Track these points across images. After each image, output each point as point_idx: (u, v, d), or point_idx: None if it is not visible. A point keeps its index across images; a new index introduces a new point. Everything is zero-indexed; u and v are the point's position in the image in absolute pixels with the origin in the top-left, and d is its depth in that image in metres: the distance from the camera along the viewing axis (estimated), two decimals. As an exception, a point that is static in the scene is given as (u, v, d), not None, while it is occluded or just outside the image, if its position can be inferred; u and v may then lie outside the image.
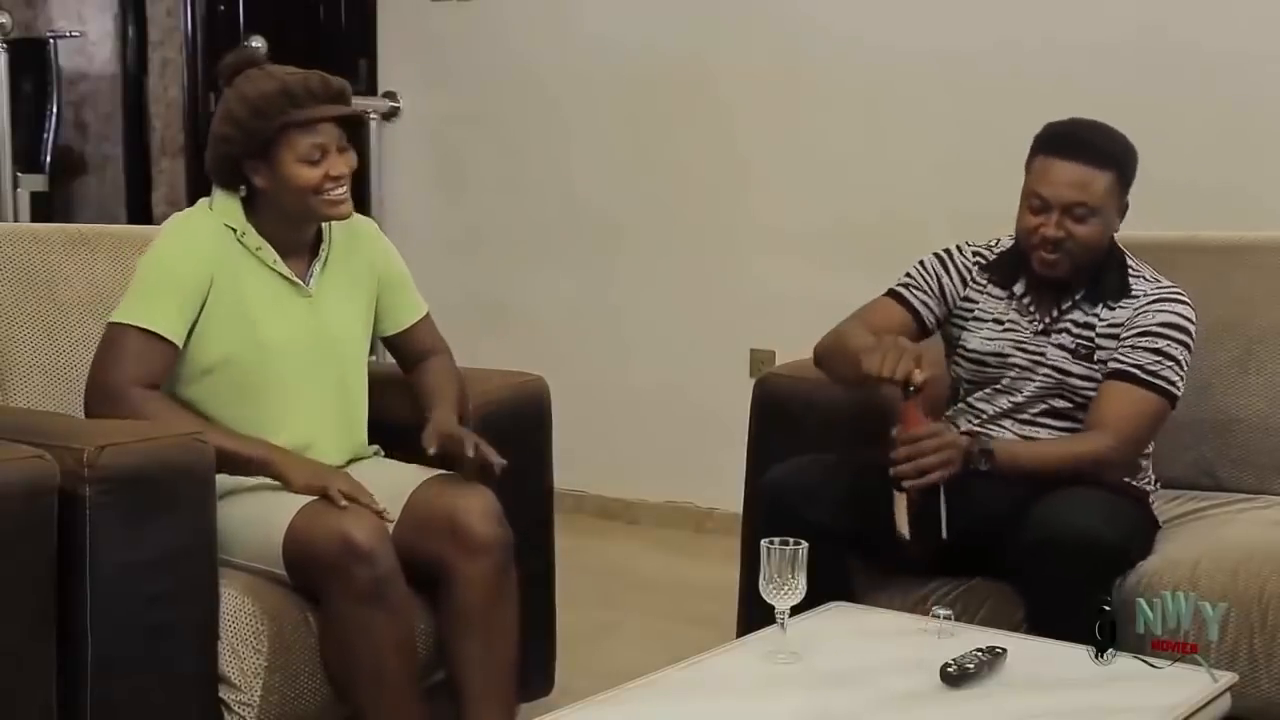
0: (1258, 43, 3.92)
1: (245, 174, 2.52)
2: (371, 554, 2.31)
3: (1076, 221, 2.59)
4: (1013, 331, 2.71)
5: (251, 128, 2.47)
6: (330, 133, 2.50)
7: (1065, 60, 4.16)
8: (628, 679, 2.06)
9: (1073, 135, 2.64)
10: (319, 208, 2.52)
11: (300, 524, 2.36)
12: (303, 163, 2.48)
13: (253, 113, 2.47)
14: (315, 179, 2.49)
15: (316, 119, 2.48)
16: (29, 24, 5.87)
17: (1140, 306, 2.64)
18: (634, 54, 4.82)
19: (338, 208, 2.54)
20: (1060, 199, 2.59)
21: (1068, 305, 2.68)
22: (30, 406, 2.61)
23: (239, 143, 2.49)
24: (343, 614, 2.33)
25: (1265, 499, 2.93)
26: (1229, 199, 3.89)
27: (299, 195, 2.50)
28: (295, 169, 2.48)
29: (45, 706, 2.12)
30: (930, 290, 2.78)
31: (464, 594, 2.46)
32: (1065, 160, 2.60)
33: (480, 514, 2.47)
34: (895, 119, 4.41)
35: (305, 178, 2.48)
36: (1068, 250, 2.60)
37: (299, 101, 2.47)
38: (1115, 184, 2.61)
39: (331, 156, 2.50)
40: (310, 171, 2.48)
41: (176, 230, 2.56)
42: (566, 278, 5.01)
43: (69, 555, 2.12)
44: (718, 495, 4.50)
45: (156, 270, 2.50)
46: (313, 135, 2.48)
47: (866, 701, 2.02)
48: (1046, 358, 2.67)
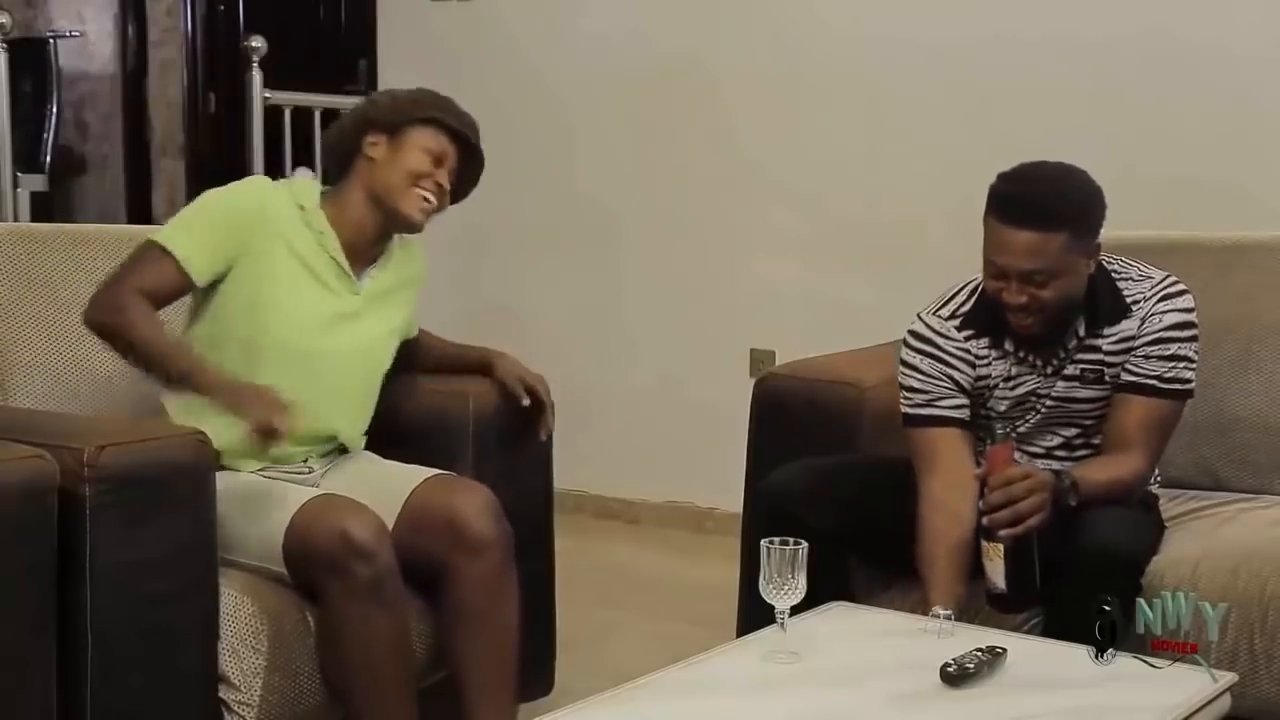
0: (1258, 43, 3.92)
1: (362, 144, 2.62)
2: (371, 551, 2.32)
3: (1038, 287, 2.45)
4: (1022, 384, 2.60)
5: (403, 106, 2.64)
6: (456, 153, 2.65)
7: (1066, 60, 4.16)
8: (628, 679, 2.06)
9: (1020, 199, 2.45)
10: (408, 199, 2.60)
11: (301, 521, 2.36)
12: (423, 152, 2.60)
13: (411, 97, 2.66)
14: (424, 168, 2.60)
15: (457, 129, 2.63)
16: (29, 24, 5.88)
17: (1146, 313, 2.55)
18: (634, 54, 4.82)
19: (420, 213, 2.63)
20: (1015, 269, 2.44)
21: (1073, 344, 2.57)
22: (31, 406, 2.61)
23: (383, 109, 2.64)
24: (341, 611, 2.34)
25: (1265, 499, 2.93)
26: (1229, 199, 3.89)
27: (401, 177, 2.59)
28: (414, 152, 2.60)
29: (45, 707, 2.12)
30: (948, 391, 2.60)
31: (465, 592, 2.46)
32: (1014, 228, 2.42)
33: (479, 512, 2.48)
34: (895, 118, 4.42)
35: (417, 163, 2.60)
36: (1038, 311, 2.48)
37: (450, 113, 2.65)
38: (1070, 240, 2.43)
39: (444, 169, 2.63)
40: (424, 163, 2.60)
41: (249, 184, 2.66)
42: (567, 278, 5.01)
43: (69, 555, 2.12)
44: (718, 495, 4.51)
45: (211, 207, 2.57)
46: (443, 141, 2.62)
47: (866, 701, 2.02)
48: (1068, 396, 2.59)
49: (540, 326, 4.97)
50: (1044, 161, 2.54)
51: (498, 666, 2.49)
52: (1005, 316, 2.53)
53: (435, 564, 2.47)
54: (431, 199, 2.61)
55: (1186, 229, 3.30)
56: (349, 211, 2.61)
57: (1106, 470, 2.53)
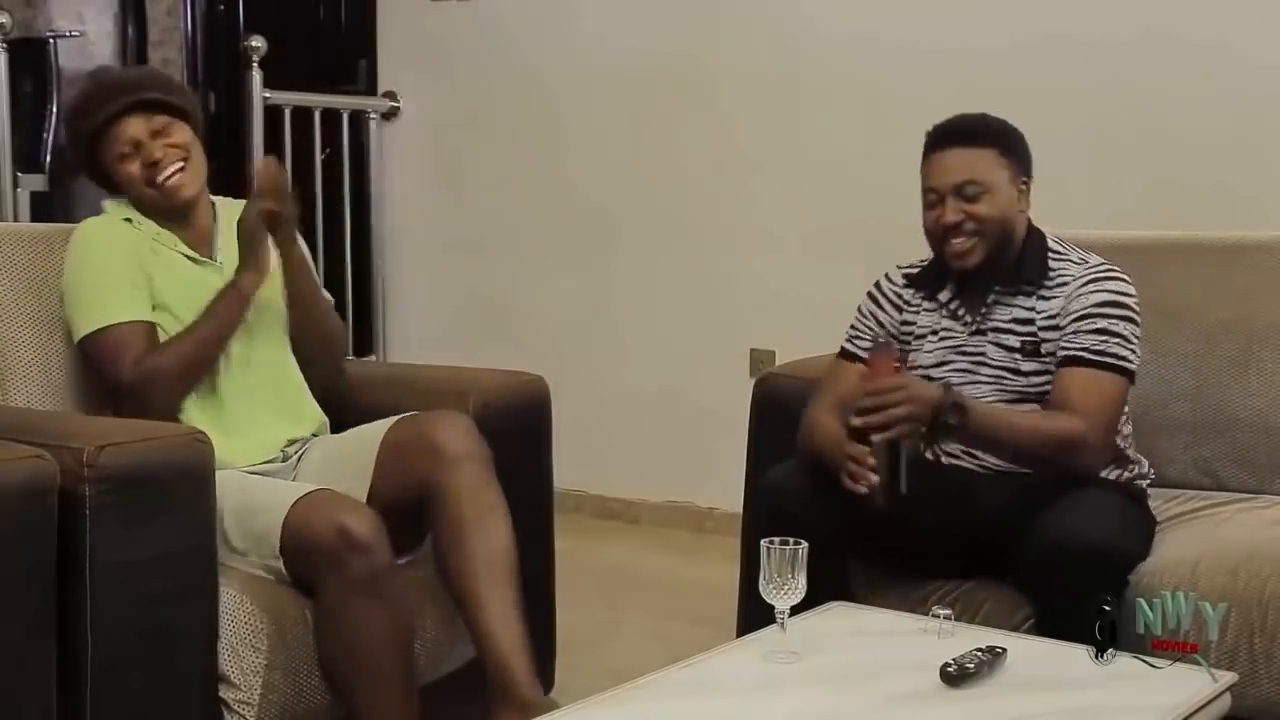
0: (1258, 43, 3.92)
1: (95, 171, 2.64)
2: (368, 545, 2.32)
3: (970, 201, 2.60)
4: (949, 338, 2.70)
5: (75, 150, 2.64)
6: (136, 124, 2.58)
7: (1066, 60, 4.16)
8: (628, 679, 2.06)
9: (948, 126, 2.68)
10: (160, 195, 2.60)
11: (297, 514, 2.36)
12: (122, 160, 2.59)
13: (70, 135, 2.66)
14: (139, 170, 2.59)
15: (107, 119, 2.57)
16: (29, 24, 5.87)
17: (1073, 292, 2.61)
18: (634, 54, 4.82)
19: (174, 193, 2.61)
20: (947, 183, 2.61)
21: (992, 299, 2.66)
22: (30, 406, 2.61)
23: (81, 164, 2.65)
24: (338, 605, 2.34)
25: (1265, 499, 2.93)
26: (1229, 199, 3.89)
27: (134, 191, 2.61)
28: (118, 168, 2.60)
29: (45, 707, 2.12)
30: (873, 330, 2.78)
31: (453, 505, 2.47)
32: (944, 150, 2.65)
33: (455, 430, 2.53)
34: (896, 119, 4.41)
35: (128, 174, 2.59)
36: (973, 232, 2.60)
37: (92, 110, 2.58)
38: (1000, 158, 2.62)
39: (152, 143, 2.58)
40: (132, 165, 2.59)
41: (84, 243, 2.64)
42: (567, 278, 5.01)
43: (69, 555, 2.12)
44: (718, 495, 4.51)
45: (90, 276, 2.58)
46: (126, 129, 2.57)
47: (866, 701, 2.02)
48: (988, 358, 2.65)
49: (540, 327, 4.97)
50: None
51: (496, 559, 2.45)
52: (947, 261, 2.65)
53: (421, 490, 2.49)
54: (172, 173, 2.60)
55: (1186, 229, 3.30)
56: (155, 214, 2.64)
57: (1038, 419, 2.55)
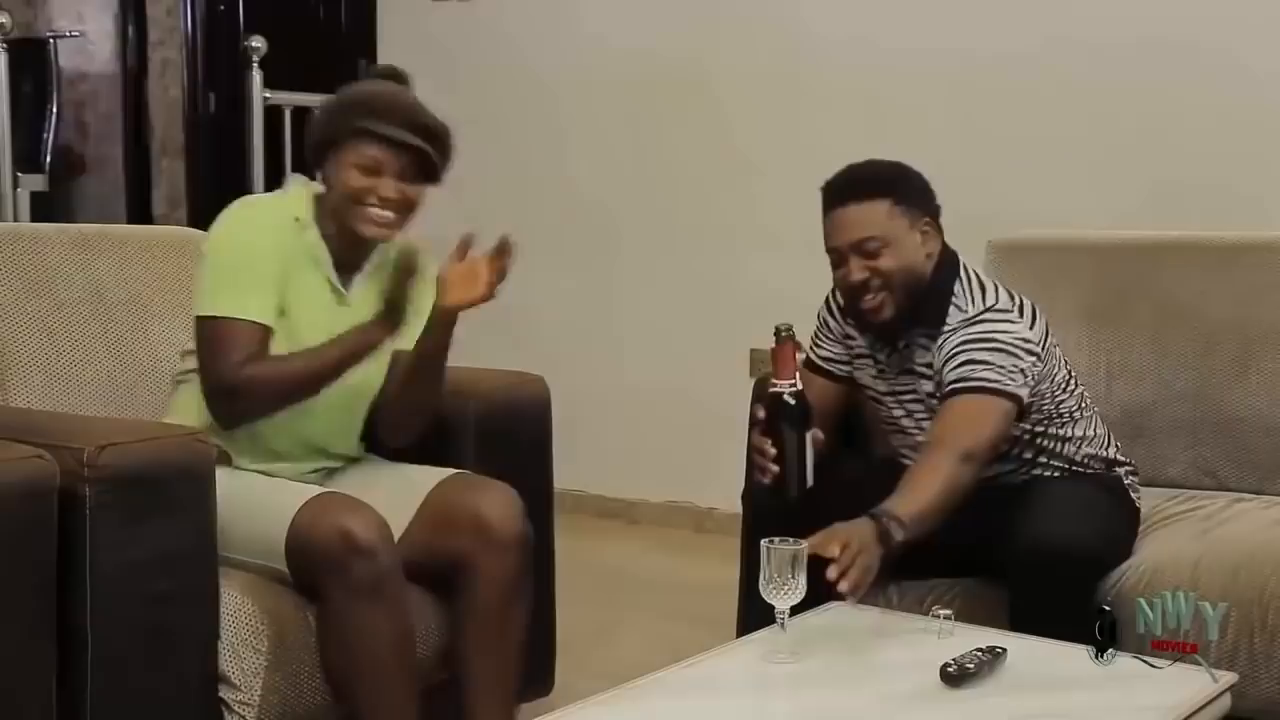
0: (1258, 43, 3.92)
1: (321, 161, 2.56)
2: (373, 550, 2.32)
3: (871, 257, 2.55)
4: (883, 373, 2.70)
5: (329, 119, 2.55)
6: (395, 158, 2.50)
7: (1065, 61, 4.16)
8: (628, 679, 2.06)
9: (839, 182, 2.63)
10: (355, 218, 2.51)
11: (303, 519, 2.36)
12: (356, 169, 2.49)
13: (337, 107, 2.56)
14: (360, 188, 2.49)
15: (384, 135, 2.49)
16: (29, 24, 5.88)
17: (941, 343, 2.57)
18: (634, 54, 4.82)
19: (374, 226, 2.51)
20: (845, 242, 2.57)
21: (904, 344, 2.64)
22: (30, 406, 2.61)
23: (319, 126, 2.56)
24: (342, 610, 2.34)
25: (1265, 499, 2.93)
26: (1229, 199, 3.89)
27: (343, 199, 2.51)
28: (348, 172, 2.50)
29: (45, 706, 2.12)
30: (827, 338, 2.78)
31: (484, 590, 2.47)
32: (837, 209, 2.59)
33: (505, 510, 2.49)
34: (895, 119, 4.41)
35: (352, 183, 2.49)
36: (880, 287, 2.56)
37: (379, 115, 2.50)
38: (895, 208, 2.57)
39: (386, 178, 2.50)
40: (359, 180, 2.49)
41: (244, 219, 2.56)
42: (567, 277, 5.01)
43: (69, 555, 2.12)
44: (718, 495, 4.51)
45: (234, 257, 2.49)
46: (375, 149, 2.49)
47: (866, 701, 2.02)
48: (919, 394, 2.65)
49: (540, 327, 4.97)
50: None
51: (504, 665, 2.50)
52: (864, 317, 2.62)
53: (455, 561, 2.48)
54: (383, 213, 2.51)
55: (1186, 229, 3.30)
56: (329, 224, 2.56)
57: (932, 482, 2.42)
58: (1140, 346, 3.11)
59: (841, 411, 2.77)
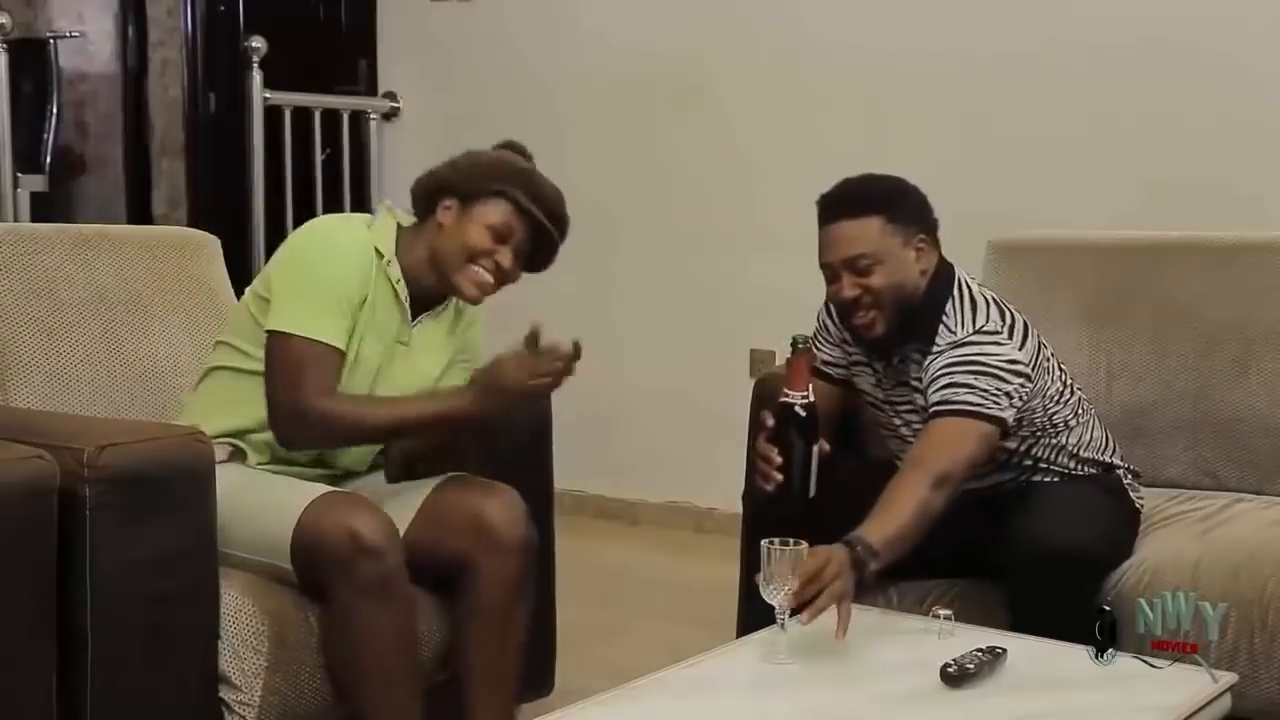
0: (1258, 43, 3.93)
1: (436, 204, 2.54)
2: (380, 550, 2.31)
3: (863, 274, 2.54)
4: (880, 383, 2.70)
5: (479, 172, 2.55)
6: (523, 235, 2.55)
7: (1065, 61, 4.16)
8: (628, 679, 2.06)
9: (832, 197, 2.61)
10: (463, 275, 2.52)
11: (310, 518, 2.35)
12: (487, 228, 2.51)
13: (493, 165, 2.57)
14: (482, 246, 2.51)
15: (527, 210, 2.54)
16: (29, 24, 5.87)
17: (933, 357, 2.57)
18: (634, 54, 4.82)
19: (474, 289, 2.53)
20: (838, 259, 2.56)
21: (898, 360, 2.64)
22: (30, 406, 2.61)
23: (461, 172, 2.55)
24: (347, 609, 2.33)
25: (1265, 499, 2.93)
26: (1229, 199, 3.89)
27: (458, 250, 2.51)
28: (477, 228, 2.51)
29: (45, 706, 2.12)
30: (826, 341, 2.79)
31: (487, 592, 2.46)
32: (831, 224, 2.58)
33: (507, 513, 2.49)
34: (895, 119, 4.42)
35: (476, 239, 2.50)
36: (870, 304, 2.56)
37: (531, 192, 2.55)
38: (887, 226, 2.56)
39: (507, 249, 2.53)
40: (484, 240, 2.51)
41: (334, 240, 2.52)
42: (566, 278, 4.97)
43: (69, 555, 2.12)
44: (718, 495, 4.51)
45: (318, 279, 2.46)
46: (510, 218, 2.52)
47: (866, 701, 2.02)
48: (914, 405, 2.64)
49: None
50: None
51: (504, 666, 2.50)
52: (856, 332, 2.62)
53: (456, 562, 2.47)
54: (488, 277, 2.53)
55: (1186, 229, 3.30)
56: (416, 261, 2.54)
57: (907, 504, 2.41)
58: (1140, 347, 3.11)
59: (840, 413, 2.77)
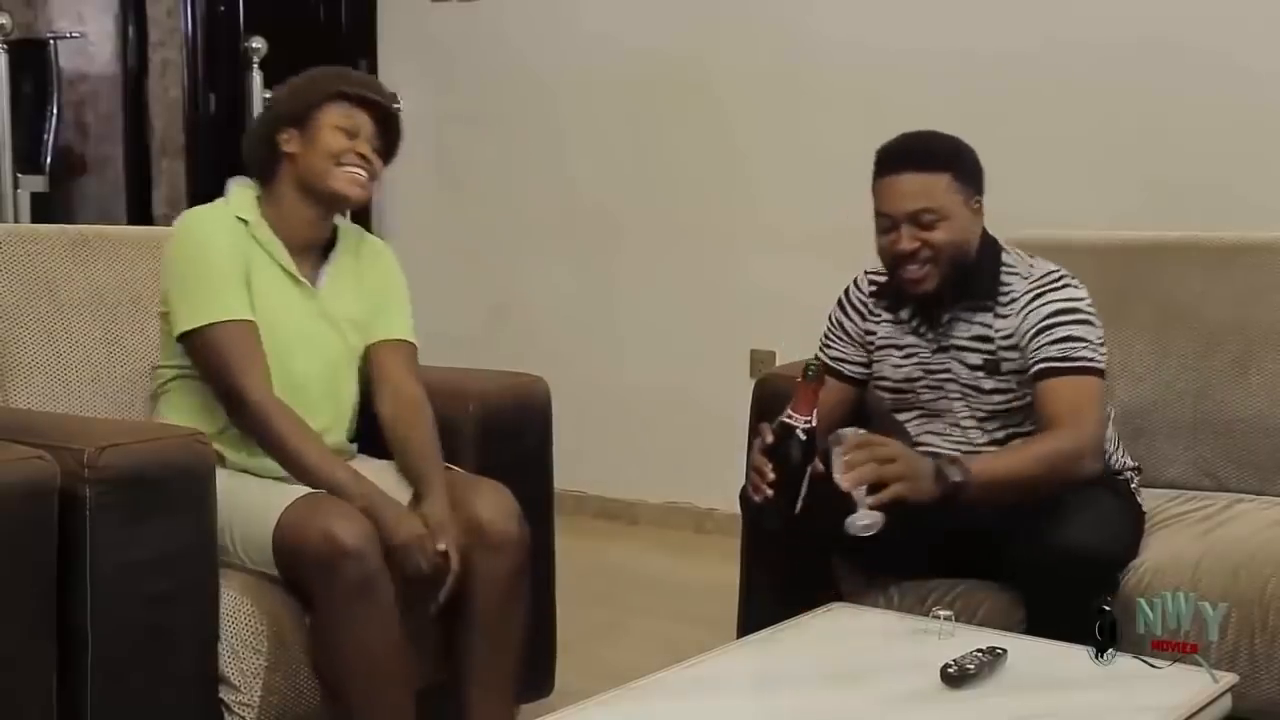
0: (1258, 44, 3.92)
1: (278, 143, 2.60)
2: (359, 552, 2.30)
3: (925, 229, 2.56)
4: (914, 354, 2.70)
5: (302, 92, 2.62)
6: (369, 124, 2.61)
7: (1065, 61, 4.16)
8: (628, 679, 2.06)
9: (900, 149, 2.63)
10: (336, 179, 2.58)
11: (288, 521, 2.35)
12: (336, 130, 2.58)
13: (307, 80, 2.65)
14: (342, 146, 2.58)
15: (362, 95, 2.61)
16: (29, 24, 5.87)
17: (1023, 309, 2.60)
18: (634, 54, 4.82)
19: (353, 187, 2.60)
20: (902, 210, 2.57)
21: (948, 318, 2.65)
22: (31, 406, 2.61)
23: (284, 104, 2.63)
24: (332, 612, 2.33)
25: (1265, 499, 2.93)
26: (1229, 199, 3.89)
27: (321, 161, 2.57)
28: (328, 133, 2.58)
29: (45, 706, 2.12)
30: (840, 339, 2.79)
31: (481, 591, 2.46)
32: (898, 174, 2.59)
33: (501, 512, 2.49)
34: (895, 119, 4.36)
35: (333, 143, 2.58)
36: (927, 259, 2.58)
37: (352, 81, 2.64)
38: (954, 183, 2.59)
39: (362, 140, 2.60)
40: (340, 140, 2.58)
41: (197, 227, 2.60)
42: (566, 277, 5.01)
43: (69, 555, 2.12)
44: (718, 495, 4.50)
45: (196, 266, 2.53)
46: (352, 113, 2.60)
47: (866, 701, 2.02)
48: (954, 375, 2.65)
49: (540, 327, 4.97)
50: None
51: (503, 666, 2.49)
52: (903, 285, 2.63)
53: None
54: (359, 171, 2.60)
55: (1186, 229, 3.30)
56: (287, 211, 2.60)
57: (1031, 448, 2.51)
58: (1140, 347, 3.11)
59: (846, 414, 2.76)
